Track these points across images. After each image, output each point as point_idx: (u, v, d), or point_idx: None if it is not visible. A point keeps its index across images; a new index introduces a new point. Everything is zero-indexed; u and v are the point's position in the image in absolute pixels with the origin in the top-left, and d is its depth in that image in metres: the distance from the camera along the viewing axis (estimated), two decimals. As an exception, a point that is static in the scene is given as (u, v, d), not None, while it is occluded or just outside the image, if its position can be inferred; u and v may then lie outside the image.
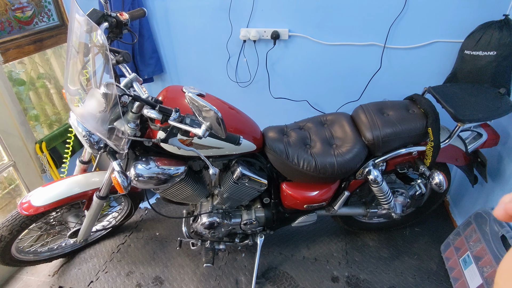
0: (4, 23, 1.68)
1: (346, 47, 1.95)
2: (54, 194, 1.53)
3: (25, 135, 1.83)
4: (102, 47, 1.11)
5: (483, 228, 1.58)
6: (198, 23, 2.09)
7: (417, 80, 1.95)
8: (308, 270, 1.83)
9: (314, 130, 1.60)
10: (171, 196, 1.53)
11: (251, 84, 2.23)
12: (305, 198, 1.57)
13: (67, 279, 1.84)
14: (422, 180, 1.67)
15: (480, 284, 1.47)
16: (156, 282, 1.80)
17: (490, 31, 1.54)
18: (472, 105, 1.42)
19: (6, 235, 1.52)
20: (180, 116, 1.07)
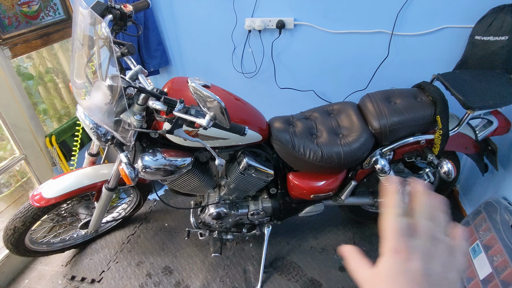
0: (11, 18, 1.69)
1: (352, 35, 1.92)
2: (64, 186, 1.56)
3: (35, 129, 1.86)
4: (107, 40, 1.12)
5: (493, 217, 1.56)
6: (202, 14, 2.08)
7: (426, 68, 1.91)
8: (316, 259, 1.84)
9: (320, 120, 1.59)
10: (179, 187, 1.55)
11: (257, 74, 2.22)
12: (312, 188, 1.57)
13: (79, 269, 1.89)
14: (430, 169, 1.65)
15: (489, 273, 1.46)
16: (165, 271, 1.84)
17: (501, 15, 1.50)
18: (483, 92, 1.39)
19: (19, 226, 1.56)
20: (185, 107, 1.07)
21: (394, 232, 0.33)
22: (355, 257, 0.36)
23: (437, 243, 0.33)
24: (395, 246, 0.32)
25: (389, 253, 0.32)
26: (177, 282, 1.77)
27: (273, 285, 1.71)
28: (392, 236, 0.33)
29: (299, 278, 1.74)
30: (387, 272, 0.32)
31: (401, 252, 0.32)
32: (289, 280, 1.73)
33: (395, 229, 0.33)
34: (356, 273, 0.35)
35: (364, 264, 0.35)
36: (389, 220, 0.34)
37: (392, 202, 0.35)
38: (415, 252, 0.32)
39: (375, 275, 0.33)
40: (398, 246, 0.32)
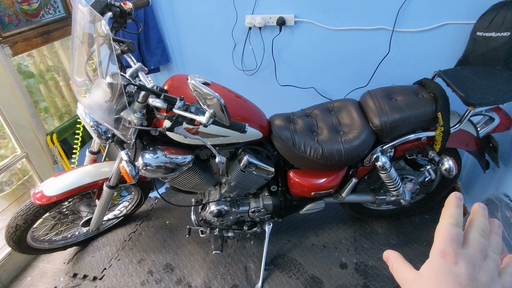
0: (11, 16, 1.69)
1: (353, 32, 1.91)
2: (65, 184, 1.57)
3: (37, 127, 1.87)
4: (107, 37, 1.11)
5: (494, 214, 1.56)
6: (203, 11, 2.08)
7: (427, 64, 1.90)
8: (317, 257, 1.84)
9: (321, 117, 1.58)
10: (180, 185, 1.55)
11: (257, 72, 2.21)
12: (313, 186, 1.57)
13: (81, 266, 1.90)
14: (431, 166, 1.65)
15: (490, 270, 1.46)
16: (167, 269, 1.84)
17: (503, 11, 1.49)
18: (484, 88, 1.38)
19: (21, 224, 1.57)
20: (184, 104, 1.07)
21: (445, 238, 0.34)
22: (398, 260, 0.38)
23: (487, 258, 0.34)
24: (443, 249, 0.33)
25: (437, 255, 0.34)
26: (178, 280, 1.78)
27: (274, 282, 1.72)
28: (442, 240, 0.34)
29: (300, 275, 1.74)
30: (433, 273, 0.33)
31: (448, 255, 0.33)
32: (290, 277, 1.74)
33: (446, 235, 0.34)
34: (400, 276, 0.36)
35: (408, 267, 0.36)
36: (442, 227, 0.36)
37: (449, 211, 0.37)
38: (463, 259, 0.32)
39: (419, 277, 0.34)
40: (447, 250, 0.33)
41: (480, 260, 0.33)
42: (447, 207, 0.37)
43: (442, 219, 0.36)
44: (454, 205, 0.37)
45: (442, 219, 0.36)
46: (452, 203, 0.37)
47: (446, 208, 0.37)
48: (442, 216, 0.37)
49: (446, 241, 0.34)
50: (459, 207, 0.37)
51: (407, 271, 0.36)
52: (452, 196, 0.38)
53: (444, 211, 0.37)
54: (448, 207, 0.37)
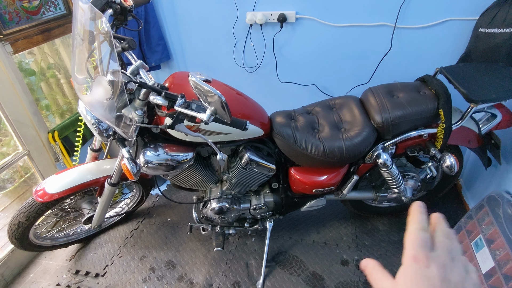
0: (12, 13, 1.69)
1: (355, 28, 1.90)
2: (67, 181, 1.57)
3: (38, 125, 1.87)
4: (107, 35, 1.11)
5: (496, 211, 1.56)
6: (203, 8, 2.07)
7: (429, 61, 1.89)
8: (318, 254, 1.84)
9: (322, 114, 1.58)
10: (181, 182, 1.55)
11: (259, 69, 2.21)
12: (314, 183, 1.57)
13: (83, 263, 1.91)
14: (433, 163, 1.64)
15: (492, 267, 1.46)
16: (168, 266, 1.85)
17: (505, 7, 1.48)
18: (486, 85, 1.37)
19: (23, 221, 1.58)
20: (185, 101, 1.07)
21: (415, 243, 0.36)
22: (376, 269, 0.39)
23: (454, 260, 0.35)
24: (414, 254, 0.35)
25: (409, 260, 0.35)
26: (180, 276, 1.78)
27: (275, 279, 1.72)
28: (413, 246, 0.36)
29: (301, 272, 1.75)
30: (408, 278, 0.34)
31: (420, 259, 0.34)
32: (291, 274, 1.74)
33: (415, 240, 0.36)
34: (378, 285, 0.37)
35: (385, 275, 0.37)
36: (411, 233, 0.37)
37: (415, 218, 0.39)
38: (434, 261, 0.34)
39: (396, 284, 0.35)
40: (418, 255, 0.35)
41: (449, 261, 0.35)
42: (412, 214, 0.40)
43: (410, 226, 0.38)
44: (419, 212, 0.40)
45: (410, 225, 0.38)
46: (416, 210, 0.40)
47: (411, 215, 0.40)
48: (409, 223, 0.39)
49: (416, 246, 0.36)
50: (423, 214, 0.39)
51: (385, 280, 0.37)
52: (415, 204, 0.41)
53: (411, 218, 0.39)
54: (414, 214, 0.40)
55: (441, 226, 0.39)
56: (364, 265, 0.40)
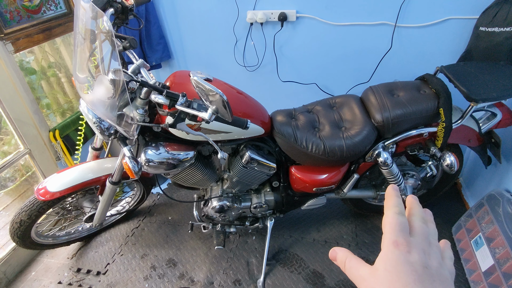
0: (13, 12, 1.69)
1: (355, 27, 1.90)
2: (68, 180, 1.58)
3: (39, 124, 1.88)
4: (109, 34, 1.12)
5: (495, 209, 1.56)
6: (204, 7, 2.07)
7: (430, 60, 1.89)
8: (318, 252, 1.85)
9: (322, 113, 1.58)
10: (182, 181, 1.56)
11: (259, 67, 2.21)
12: (314, 181, 1.57)
13: (85, 261, 1.92)
14: (433, 162, 1.65)
15: (491, 265, 1.46)
16: (169, 264, 1.86)
17: (506, 6, 1.48)
18: (486, 84, 1.38)
19: (25, 219, 1.59)
20: (187, 100, 1.07)
21: (395, 228, 0.35)
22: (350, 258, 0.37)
23: (431, 245, 0.35)
24: (395, 239, 0.34)
25: (390, 246, 0.33)
26: (181, 274, 1.79)
27: (276, 277, 1.73)
28: (393, 231, 0.35)
29: (301, 270, 1.76)
30: (389, 264, 0.32)
31: (401, 244, 0.33)
32: (291, 272, 1.75)
33: (395, 225, 0.35)
34: (355, 273, 0.35)
35: (361, 263, 0.36)
36: (389, 217, 0.36)
37: (392, 201, 0.38)
38: (415, 247, 0.33)
39: (376, 271, 0.33)
40: (399, 239, 0.33)
41: (427, 246, 0.34)
42: (388, 198, 0.38)
43: (388, 210, 0.37)
44: (395, 195, 0.38)
45: (388, 209, 0.37)
46: (392, 194, 0.39)
47: (388, 199, 0.38)
48: (387, 207, 0.37)
49: (396, 231, 0.34)
50: (399, 197, 0.38)
51: (361, 268, 0.35)
52: (390, 188, 0.39)
53: (387, 202, 0.38)
54: (390, 198, 0.38)
55: (417, 210, 0.38)
56: (333, 254, 0.38)
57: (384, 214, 0.37)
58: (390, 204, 0.38)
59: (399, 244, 0.33)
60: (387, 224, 0.36)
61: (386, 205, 0.38)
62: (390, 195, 0.39)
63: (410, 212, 0.38)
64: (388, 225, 0.35)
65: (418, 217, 0.37)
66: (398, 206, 0.37)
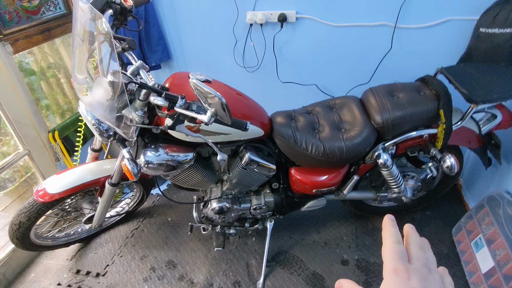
0: (12, 13, 1.69)
1: (355, 28, 1.90)
2: (67, 181, 1.58)
3: (38, 125, 1.87)
4: (107, 35, 1.11)
5: (496, 211, 1.56)
6: (203, 8, 2.07)
7: (430, 61, 1.89)
8: (318, 253, 1.85)
9: (322, 114, 1.58)
10: (181, 182, 1.55)
11: (259, 68, 2.21)
12: (314, 183, 1.57)
13: (84, 262, 1.91)
14: (433, 163, 1.64)
15: (492, 266, 1.46)
16: (169, 265, 1.85)
17: (507, 7, 1.47)
18: (487, 85, 1.37)
19: (24, 221, 1.58)
20: (186, 102, 1.07)
21: (394, 256, 0.36)
22: None
23: (431, 271, 0.36)
24: (395, 267, 0.35)
25: (390, 274, 0.35)
26: (180, 276, 1.79)
27: (275, 278, 1.73)
28: (391, 259, 0.36)
29: (301, 272, 1.75)
30: None
31: (401, 271, 0.34)
32: (291, 273, 1.75)
33: (394, 253, 0.36)
34: None
35: None
36: (388, 246, 0.37)
37: (389, 231, 0.39)
38: (414, 273, 0.34)
39: None
40: (398, 267, 0.35)
41: (427, 273, 0.35)
42: (385, 228, 0.40)
43: (386, 239, 0.38)
44: (391, 225, 0.40)
45: (385, 239, 0.38)
46: (389, 223, 0.40)
47: (385, 229, 0.40)
48: (384, 236, 0.39)
49: (395, 259, 0.36)
50: (395, 226, 0.40)
51: None
52: (386, 218, 0.41)
53: (384, 232, 0.39)
54: (386, 228, 0.40)
55: (414, 238, 0.40)
56: (339, 287, 0.40)
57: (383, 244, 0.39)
58: (387, 233, 0.39)
59: (398, 271, 0.34)
60: (386, 252, 0.37)
61: (384, 234, 0.39)
62: (386, 225, 0.40)
63: (407, 240, 0.39)
64: (387, 253, 0.37)
65: (415, 245, 0.38)
66: (395, 235, 0.38)
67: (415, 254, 0.37)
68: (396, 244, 0.37)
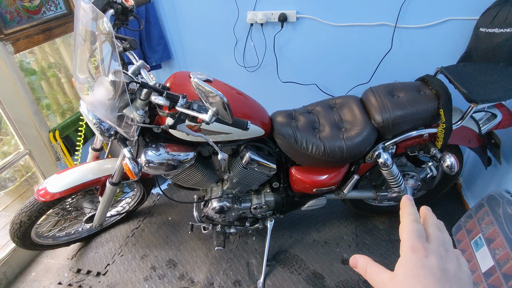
0: (13, 13, 1.69)
1: (356, 28, 1.90)
2: (68, 181, 1.58)
3: (39, 124, 1.88)
4: (109, 35, 1.11)
5: (496, 210, 1.56)
6: (204, 8, 2.07)
7: (430, 61, 1.89)
8: (318, 252, 1.85)
9: (323, 114, 1.58)
10: (182, 182, 1.56)
11: (259, 68, 2.21)
12: (314, 182, 1.57)
13: (85, 262, 1.92)
14: (433, 163, 1.65)
15: (491, 266, 1.46)
16: (169, 264, 1.86)
17: (507, 7, 1.48)
18: (487, 85, 1.38)
19: (25, 220, 1.59)
20: (187, 102, 1.07)
21: (412, 234, 0.36)
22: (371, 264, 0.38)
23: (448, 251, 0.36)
24: (412, 245, 0.35)
25: (408, 251, 0.35)
26: (181, 275, 1.79)
27: (276, 278, 1.73)
28: (410, 237, 0.36)
29: (301, 271, 1.76)
30: (409, 269, 0.34)
31: (419, 249, 0.34)
32: (291, 273, 1.75)
33: (412, 231, 0.36)
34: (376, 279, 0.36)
35: (382, 269, 0.37)
36: (406, 225, 0.38)
37: (408, 210, 0.39)
38: (431, 252, 0.34)
39: (396, 276, 0.34)
40: (416, 245, 0.35)
41: (444, 252, 0.35)
42: (404, 207, 0.40)
43: (404, 218, 0.38)
44: (410, 204, 0.40)
45: (404, 218, 0.39)
46: (407, 203, 0.40)
47: (403, 208, 0.40)
48: (403, 215, 0.39)
49: (413, 237, 0.36)
50: (413, 206, 0.40)
51: (382, 274, 0.36)
52: (405, 198, 0.41)
53: (403, 211, 0.40)
54: (405, 207, 0.40)
55: (432, 219, 0.40)
56: (354, 262, 0.39)
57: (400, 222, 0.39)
58: (405, 212, 0.39)
59: (416, 250, 0.34)
60: (404, 231, 0.37)
61: (402, 213, 0.39)
62: (405, 205, 0.40)
63: (425, 221, 0.39)
64: (405, 232, 0.37)
65: (433, 225, 0.38)
66: (414, 214, 0.38)
67: (433, 234, 0.37)
68: (414, 222, 0.37)
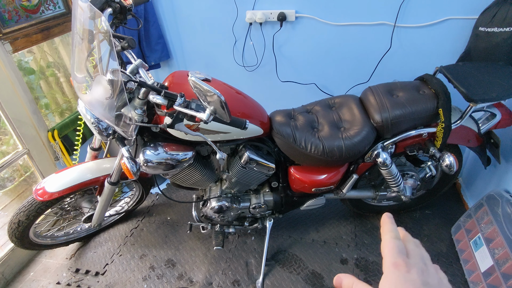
0: (11, 12, 1.69)
1: (355, 27, 1.90)
2: (67, 180, 1.58)
3: (38, 124, 1.87)
4: (107, 34, 1.11)
5: (495, 210, 1.56)
6: (203, 7, 2.06)
7: (429, 60, 1.89)
8: (317, 252, 1.85)
9: (322, 113, 1.58)
10: (180, 181, 1.55)
11: (258, 68, 2.21)
12: (313, 182, 1.57)
13: (83, 261, 1.91)
14: (432, 162, 1.64)
15: (491, 265, 1.46)
16: (168, 264, 1.85)
17: (506, 6, 1.48)
18: (486, 84, 1.37)
19: (23, 220, 1.58)
20: (185, 101, 1.07)
21: (393, 251, 0.38)
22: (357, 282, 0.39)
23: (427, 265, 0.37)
24: (394, 261, 0.36)
25: (390, 268, 0.36)
26: (179, 275, 1.79)
27: (275, 277, 1.73)
28: (391, 253, 0.37)
29: (300, 271, 1.75)
30: (392, 283, 0.35)
31: (400, 265, 0.36)
32: (290, 272, 1.75)
33: (393, 248, 0.38)
34: None
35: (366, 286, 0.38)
36: (387, 242, 0.39)
37: (388, 227, 0.41)
38: (413, 267, 0.36)
39: None
40: (397, 261, 0.36)
41: (424, 266, 0.37)
42: (384, 225, 0.42)
43: (385, 235, 0.40)
44: (390, 222, 0.42)
45: (385, 235, 0.40)
46: (387, 221, 0.42)
47: (384, 226, 0.41)
48: (383, 233, 0.41)
49: (394, 253, 0.37)
50: (393, 224, 0.42)
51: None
52: (385, 216, 0.43)
53: (383, 228, 0.41)
54: (385, 224, 0.41)
55: (409, 237, 0.41)
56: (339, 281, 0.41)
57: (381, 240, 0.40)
58: (386, 229, 0.41)
59: (398, 265, 0.36)
60: (386, 248, 0.38)
61: (383, 231, 0.41)
62: (385, 222, 0.42)
63: (404, 238, 0.41)
64: (387, 248, 0.38)
65: (411, 242, 0.40)
66: (394, 231, 0.40)
67: (412, 250, 0.39)
68: (395, 239, 0.39)
